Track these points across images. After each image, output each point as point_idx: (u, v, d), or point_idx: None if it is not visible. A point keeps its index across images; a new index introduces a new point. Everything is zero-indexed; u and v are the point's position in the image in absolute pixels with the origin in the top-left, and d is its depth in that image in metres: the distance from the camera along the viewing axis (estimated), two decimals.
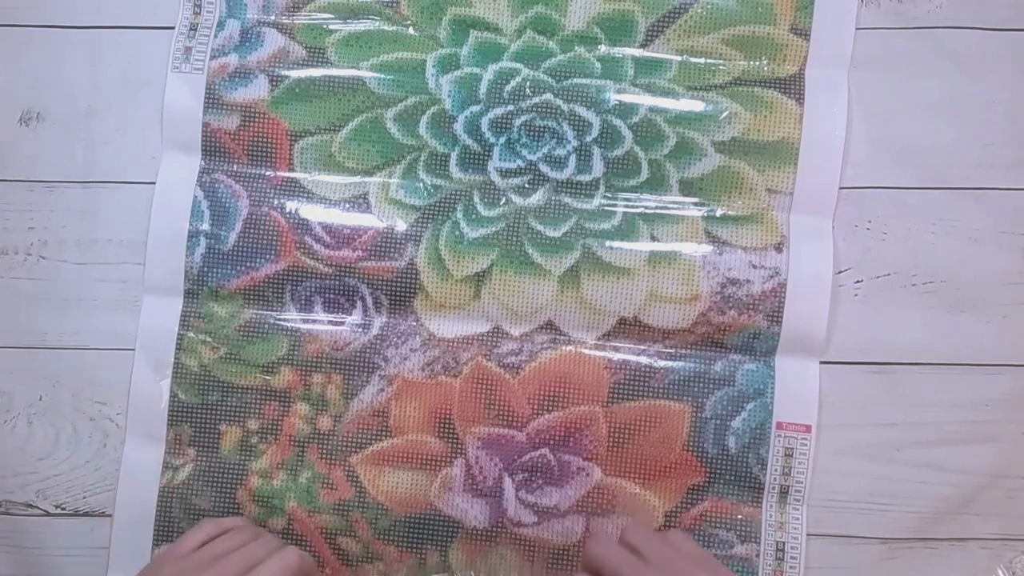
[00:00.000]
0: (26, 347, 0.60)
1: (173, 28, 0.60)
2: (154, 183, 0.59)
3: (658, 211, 0.58)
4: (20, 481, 0.59)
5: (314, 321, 0.59)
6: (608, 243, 0.58)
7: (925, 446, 0.58)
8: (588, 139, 0.58)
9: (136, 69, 0.61)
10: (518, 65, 0.59)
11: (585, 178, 0.58)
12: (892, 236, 0.59)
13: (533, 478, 0.58)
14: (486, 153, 0.59)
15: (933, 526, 0.58)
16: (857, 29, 0.59)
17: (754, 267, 0.57)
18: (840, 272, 0.58)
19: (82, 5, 0.61)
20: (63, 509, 0.59)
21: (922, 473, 0.58)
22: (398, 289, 0.58)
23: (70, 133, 0.61)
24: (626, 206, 0.58)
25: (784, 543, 0.57)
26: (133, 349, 0.59)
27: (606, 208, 0.58)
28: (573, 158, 0.58)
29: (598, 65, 0.59)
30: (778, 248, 0.58)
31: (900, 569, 0.58)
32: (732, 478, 0.57)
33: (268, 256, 0.58)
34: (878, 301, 0.59)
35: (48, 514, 0.59)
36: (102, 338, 0.60)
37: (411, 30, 0.60)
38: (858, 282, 0.59)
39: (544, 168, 0.59)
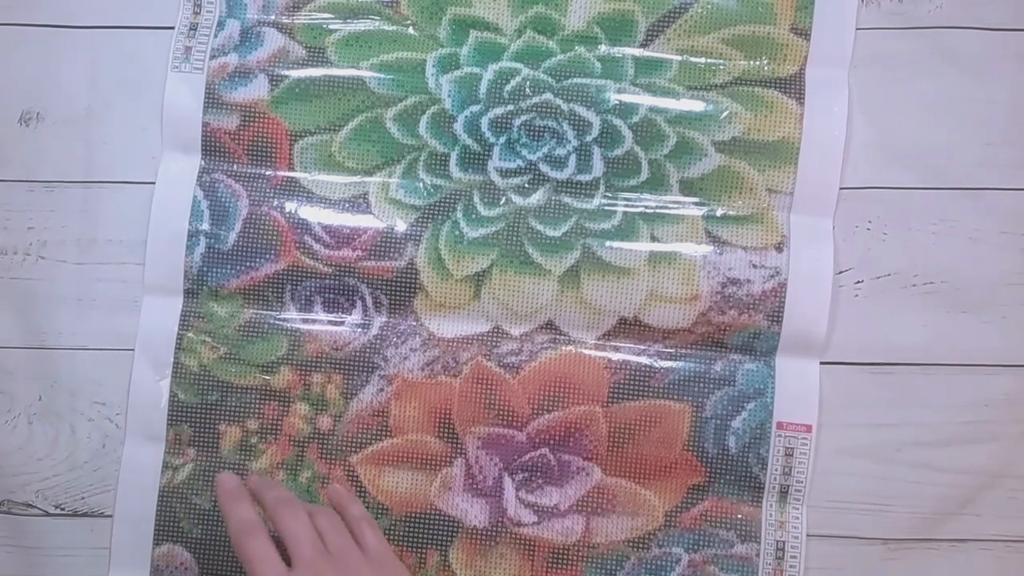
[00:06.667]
0: (26, 347, 0.60)
1: (173, 28, 0.60)
2: (154, 183, 0.59)
3: (658, 211, 0.58)
4: (20, 481, 0.59)
5: (314, 321, 0.59)
6: (608, 243, 0.58)
7: (925, 446, 0.58)
8: (588, 139, 0.58)
9: (136, 69, 0.61)
10: (518, 65, 0.59)
11: (585, 178, 0.58)
12: (892, 236, 0.59)
13: (533, 478, 0.58)
14: (486, 153, 0.59)
15: (933, 526, 0.58)
16: (857, 29, 0.59)
17: (754, 267, 0.57)
18: (840, 272, 0.58)
19: (82, 5, 0.61)
20: (62, 509, 0.59)
21: (922, 473, 0.58)
22: (398, 289, 0.58)
23: (70, 133, 0.61)
24: (626, 206, 0.58)
25: (784, 542, 0.57)
26: (133, 349, 0.59)
27: (606, 208, 0.58)
28: (573, 158, 0.58)
29: (598, 65, 0.59)
30: (778, 248, 0.58)
31: (900, 569, 0.58)
32: (732, 478, 0.57)
33: (268, 256, 0.58)
34: (878, 301, 0.59)
35: (48, 514, 0.59)
36: (102, 338, 0.59)
37: (411, 30, 0.60)
38: (858, 282, 0.59)
39: (544, 168, 0.59)
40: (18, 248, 0.60)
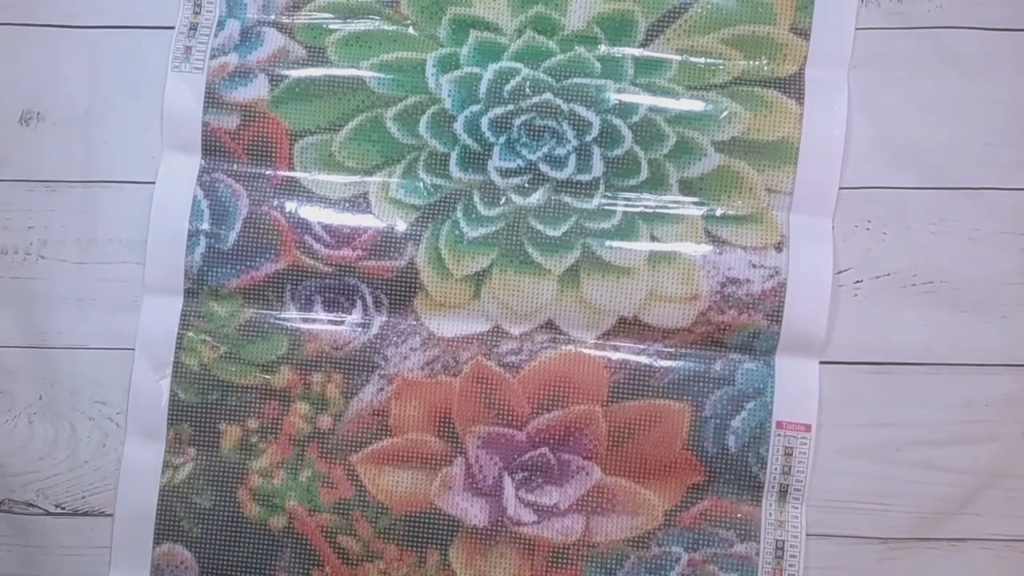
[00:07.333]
0: (26, 347, 0.60)
1: (173, 28, 0.60)
2: (154, 183, 0.59)
3: (658, 211, 0.58)
4: (21, 480, 0.59)
5: (314, 320, 0.59)
6: (608, 242, 0.58)
7: (925, 446, 0.58)
8: (588, 139, 0.58)
9: (136, 69, 0.61)
10: (518, 65, 0.59)
11: (585, 178, 0.58)
12: (892, 236, 0.59)
13: (533, 477, 0.58)
14: (486, 153, 0.59)
15: (933, 526, 0.58)
16: (857, 29, 0.59)
17: (754, 266, 0.57)
18: (840, 272, 0.59)
19: (82, 5, 0.61)
20: (63, 509, 0.59)
21: (922, 473, 0.58)
22: (398, 288, 0.58)
23: (70, 133, 0.61)
24: (626, 206, 0.58)
25: (784, 542, 0.57)
26: (133, 349, 0.59)
27: (606, 208, 0.58)
28: (573, 158, 0.59)
29: (598, 65, 0.59)
30: (778, 248, 0.58)
31: (900, 569, 0.58)
32: (732, 477, 0.57)
33: (268, 255, 0.58)
34: (878, 301, 0.59)
35: (48, 513, 0.59)
36: (102, 338, 0.60)
37: (411, 30, 0.60)
38: (858, 282, 0.59)
39: (544, 168, 0.59)
40: (18, 248, 0.60)
